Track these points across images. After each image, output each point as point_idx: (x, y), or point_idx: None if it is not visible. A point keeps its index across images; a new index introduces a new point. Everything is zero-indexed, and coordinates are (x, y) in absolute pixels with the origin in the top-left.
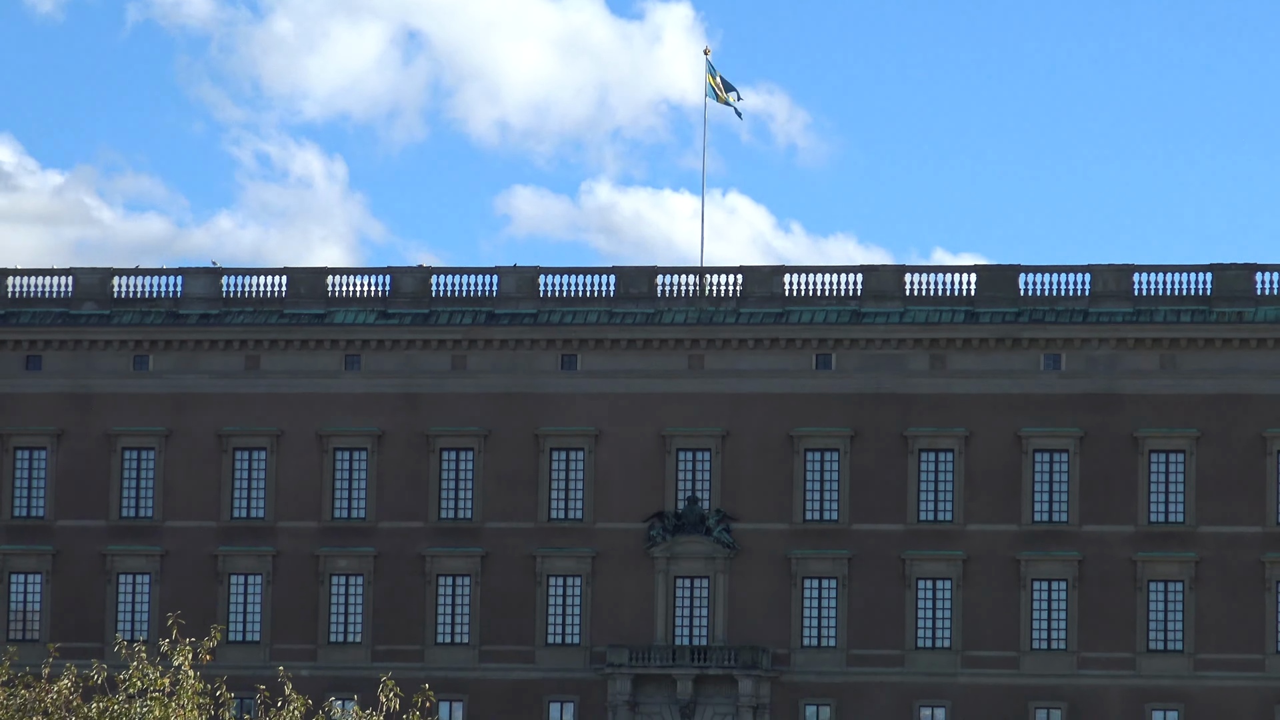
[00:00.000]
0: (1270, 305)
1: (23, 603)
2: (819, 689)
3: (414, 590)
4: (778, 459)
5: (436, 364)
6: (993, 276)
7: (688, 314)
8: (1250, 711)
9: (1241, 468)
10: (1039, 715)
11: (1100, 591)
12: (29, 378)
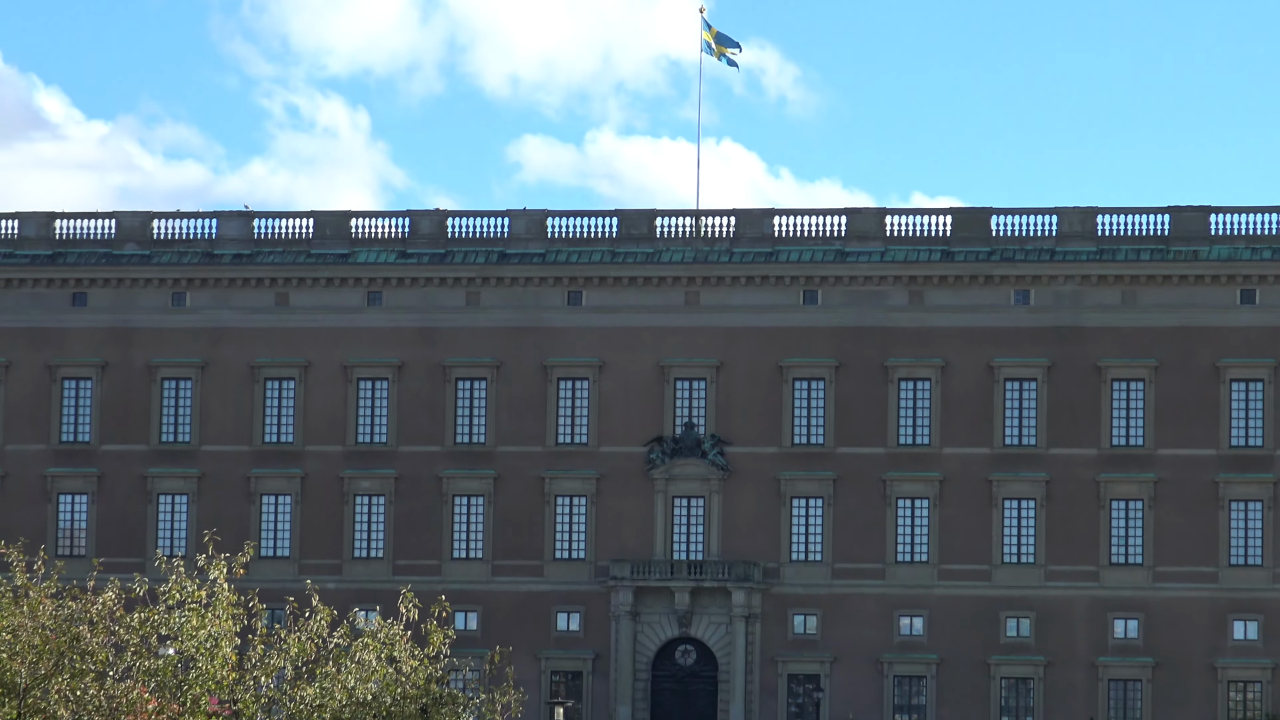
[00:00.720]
0: (1224, 244)
1: (70, 521)
2: (806, 600)
3: (432, 510)
4: (768, 387)
5: (452, 300)
6: (967, 218)
7: (684, 253)
8: (1205, 620)
9: (1197, 395)
10: (1009, 624)
11: (1066, 510)
12: (75, 313)
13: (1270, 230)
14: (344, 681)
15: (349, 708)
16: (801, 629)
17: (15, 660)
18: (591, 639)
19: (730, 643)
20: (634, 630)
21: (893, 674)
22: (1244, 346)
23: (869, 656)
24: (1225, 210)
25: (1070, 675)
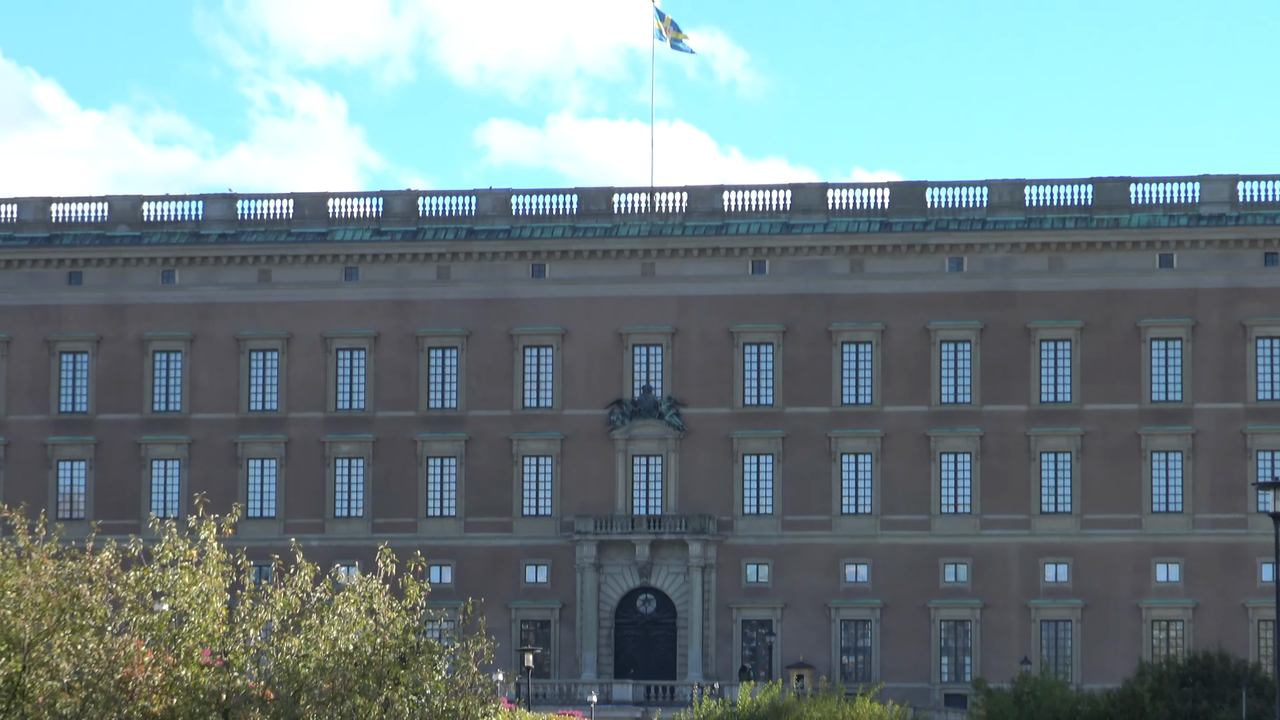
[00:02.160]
0: (1143, 213)
1: (69, 486)
2: (758, 550)
3: (407, 471)
4: (720, 352)
5: (424, 274)
6: (903, 191)
7: (640, 228)
8: (1129, 564)
9: (1119, 354)
10: (948, 570)
11: (999, 462)
12: (71, 291)
13: (1187, 199)
14: (327, 633)
15: (332, 657)
16: (754, 578)
17: (19, 617)
18: (558, 590)
19: (688, 592)
20: (598, 581)
21: (839, 618)
22: (1163, 308)
23: (817, 602)
24: (1145, 180)
25: (1005, 617)
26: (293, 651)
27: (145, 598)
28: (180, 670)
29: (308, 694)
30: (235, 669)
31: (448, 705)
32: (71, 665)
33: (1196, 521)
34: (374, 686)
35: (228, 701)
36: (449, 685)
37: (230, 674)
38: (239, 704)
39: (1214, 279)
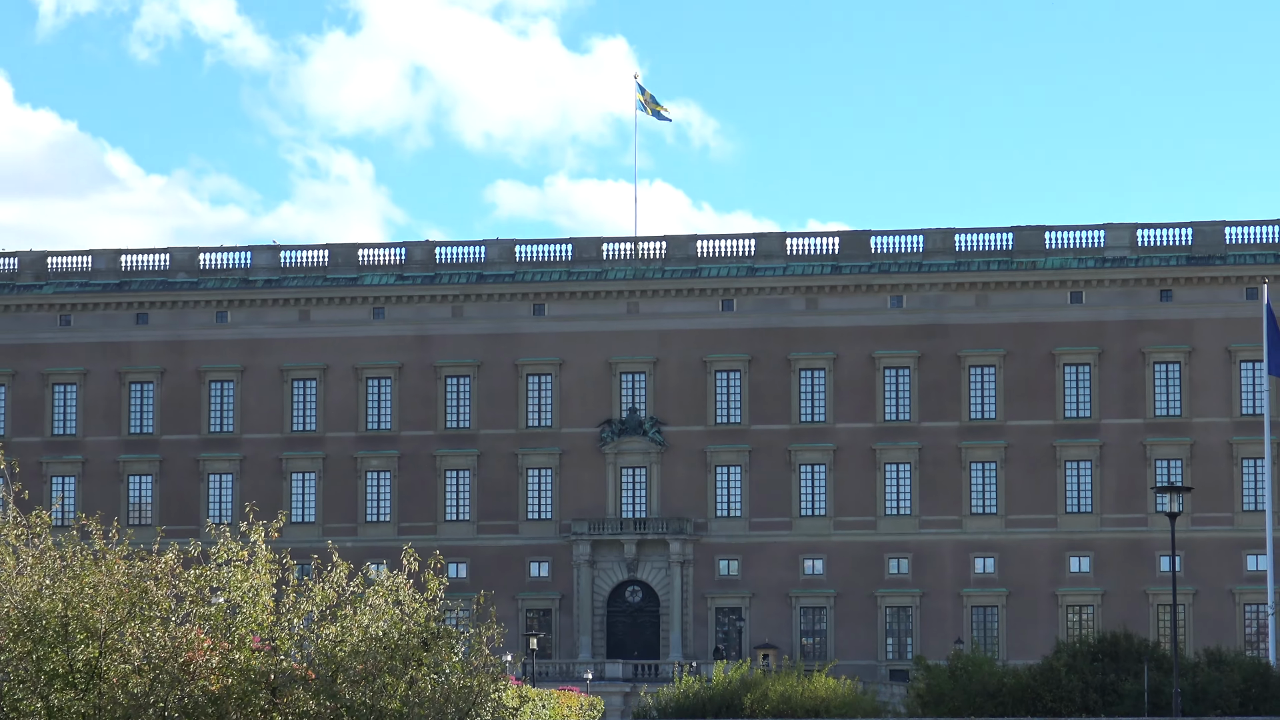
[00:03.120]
0: (1056, 256)
1: (138, 497)
2: (729, 548)
3: (427, 482)
4: (695, 378)
5: (440, 313)
6: (851, 239)
7: (626, 272)
8: (1046, 557)
9: (1037, 377)
10: (891, 564)
11: (935, 471)
12: (139, 330)
13: (1093, 244)
14: (359, 621)
15: (364, 642)
16: (726, 571)
17: (96, 609)
18: (558, 583)
19: (669, 583)
20: (592, 575)
21: (799, 605)
22: (1073, 338)
23: (780, 592)
24: (1057, 228)
25: (940, 604)
26: (330, 637)
27: (204, 592)
28: (234, 654)
29: (344, 673)
30: (281, 653)
31: (464, 683)
32: (141, 651)
33: (1104, 520)
34: (400, 667)
35: (275, 681)
36: (465, 665)
37: (277, 657)
38: (285, 683)
39: (1117, 313)
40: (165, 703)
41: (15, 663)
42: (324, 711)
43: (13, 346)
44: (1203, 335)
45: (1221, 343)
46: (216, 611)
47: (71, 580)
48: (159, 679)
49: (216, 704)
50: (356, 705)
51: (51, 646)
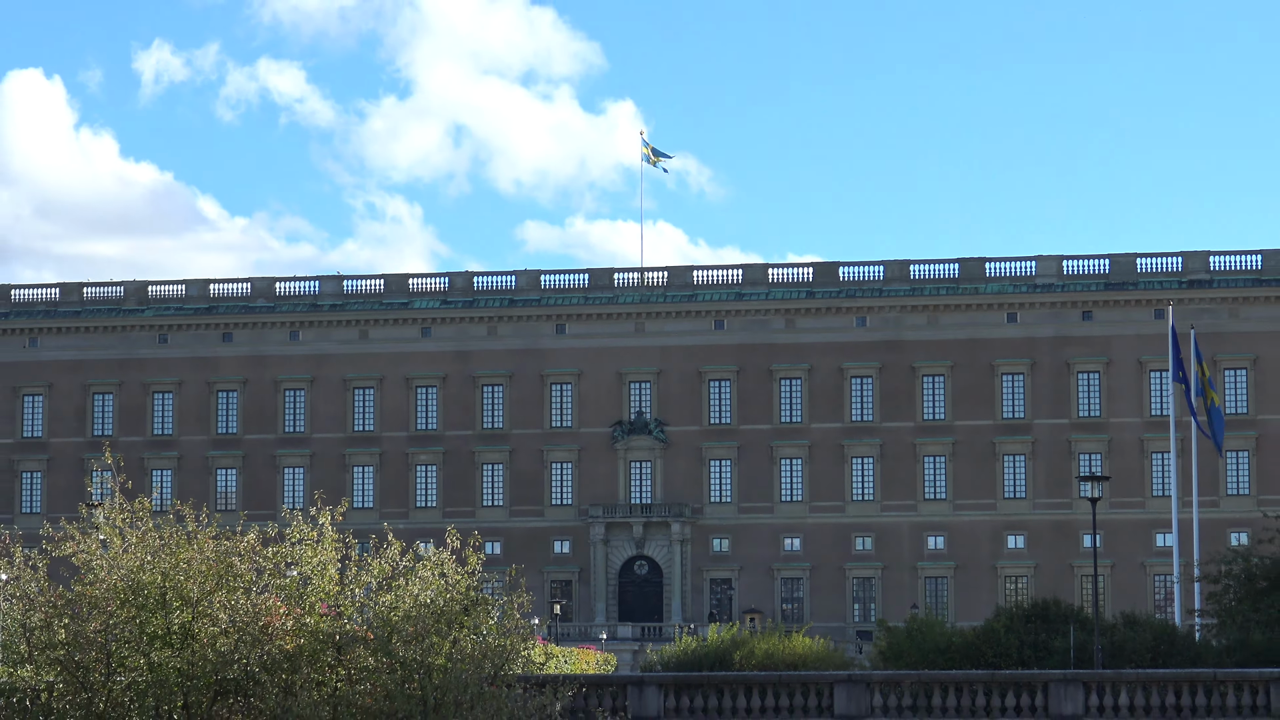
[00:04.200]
0: (995, 283)
1: (224, 487)
2: (721, 528)
3: (467, 473)
4: (692, 386)
5: (478, 332)
6: (823, 269)
7: (633, 297)
8: (987, 535)
9: (979, 385)
10: (858, 541)
11: (894, 464)
12: (224, 347)
13: (1026, 273)
14: (410, 590)
15: (414, 608)
16: (718, 548)
17: (189, 581)
18: (577, 558)
19: (671, 558)
20: (605, 552)
21: (780, 577)
22: (1010, 351)
23: (764, 566)
24: (996, 260)
25: (899, 575)
26: (386, 604)
27: (279, 566)
28: (305, 618)
29: (397, 634)
30: (345, 617)
31: (499, 642)
32: (227, 616)
33: (1035, 505)
34: (445, 629)
35: (340, 641)
36: (499, 627)
37: (341, 621)
38: (348, 642)
39: (1046, 330)
40: (247, 660)
41: (121, 626)
42: (381, 666)
43: (119, 361)
44: (1118, 349)
45: (1134, 355)
46: (290, 583)
47: (168, 556)
48: (242, 639)
49: (290, 660)
50: (408, 661)
51: (152, 612)
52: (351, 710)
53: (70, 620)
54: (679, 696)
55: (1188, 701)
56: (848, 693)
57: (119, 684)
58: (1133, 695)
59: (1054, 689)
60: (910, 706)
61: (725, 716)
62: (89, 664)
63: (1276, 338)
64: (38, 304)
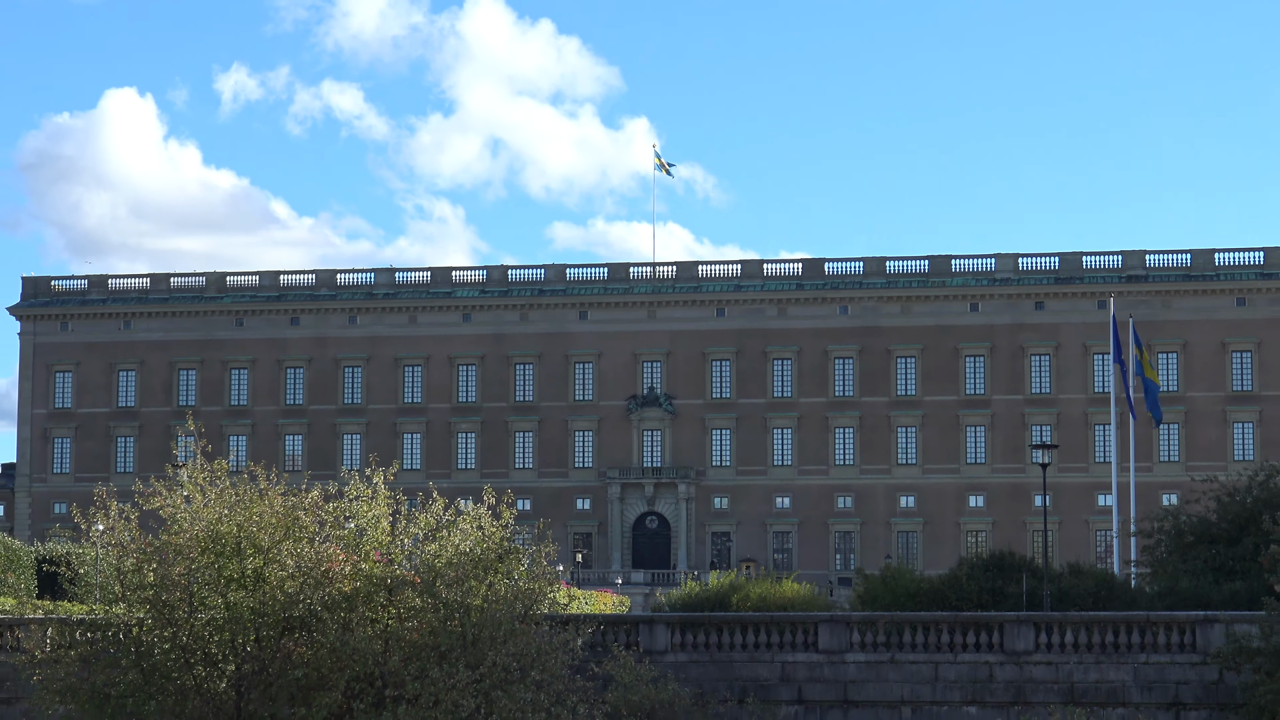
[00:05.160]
0: (960, 277)
1: (291, 450)
2: (721, 489)
3: (502, 440)
4: (697, 366)
5: (512, 318)
6: (812, 264)
7: (647, 288)
8: (952, 495)
9: (946, 366)
10: (839, 500)
11: (872, 433)
12: (292, 329)
13: (987, 268)
14: (452, 541)
15: (455, 556)
16: (719, 505)
17: (261, 532)
18: (596, 514)
19: (678, 514)
20: (621, 509)
21: (772, 530)
22: (972, 336)
23: (759, 521)
24: (960, 256)
25: (875, 530)
26: (431, 552)
27: (339, 519)
28: (361, 565)
29: (440, 579)
30: (395, 563)
31: (528, 586)
32: (293, 562)
33: (994, 469)
34: (482, 574)
35: (391, 584)
36: (529, 573)
37: (392, 567)
38: (397, 586)
39: (1004, 318)
40: (311, 600)
41: (202, 570)
42: (426, 606)
43: (201, 341)
44: (1066, 335)
45: (1080, 340)
46: (348, 533)
47: (243, 510)
48: (306, 582)
49: (348, 601)
50: (450, 602)
51: (228, 558)
52: (401, 644)
53: (158, 565)
54: (684, 633)
55: (1124, 640)
56: (830, 631)
57: (200, 620)
58: (1076, 634)
59: (1009, 628)
60: (884, 643)
61: (724, 651)
62: (174, 603)
63: (1203, 326)
64: (131, 292)
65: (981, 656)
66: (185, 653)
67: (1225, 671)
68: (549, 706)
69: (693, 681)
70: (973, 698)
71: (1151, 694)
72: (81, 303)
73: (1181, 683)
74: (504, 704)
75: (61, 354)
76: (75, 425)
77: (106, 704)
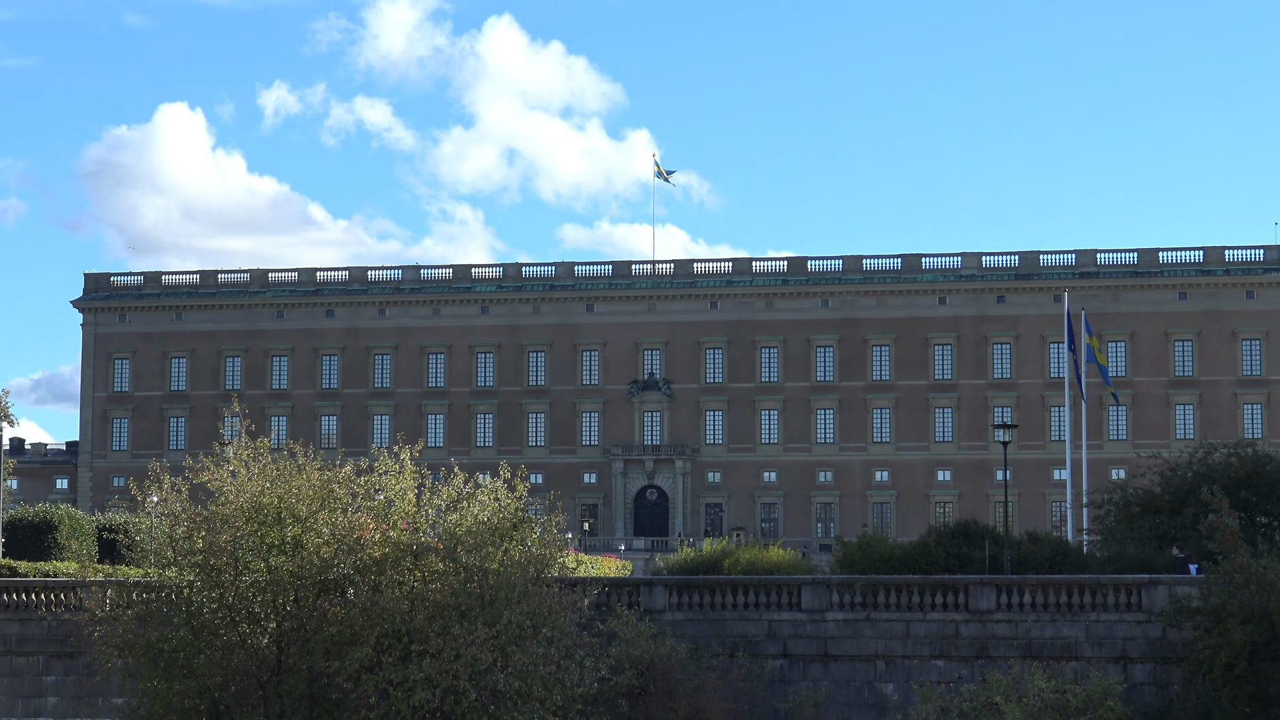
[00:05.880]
0: (929, 274)
1: (327, 430)
2: (714, 465)
3: (517, 420)
4: (692, 354)
5: (526, 310)
6: (795, 263)
7: (647, 283)
8: (922, 470)
9: (917, 354)
10: (820, 475)
11: (850, 414)
12: (328, 320)
13: (953, 265)
14: (472, 511)
15: (474, 524)
16: (712, 479)
17: (299, 503)
18: (601, 487)
19: (675, 487)
20: (624, 482)
21: (760, 502)
22: (941, 327)
23: (748, 493)
24: (930, 255)
25: (853, 501)
26: (452, 522)
27: (369, 492)
28: (390, 532)
29: (461, 545)
30: (420, 531)
31: (540, 551)
32: (328, 530)
33: (960, 447)
34: (498, 541)
35: (416, 550)
36: (541, 540)
37: (418, 534)
38: (422, 551)
39: (969, 310)
40: (344, 564)
41: (246, 538)
42: (448, 570)
43: (245, 331)
44: (1025, 326)
45: (1038, 331)
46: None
47: (283, 484)
48: (340, 548)
49: (378, 565)
50: (469, 566)
51: (269, 527)
52: (425, 604)
53: (206, 532)
54: (680, 594)
55: (1077, 600)
56: (812, 592)
57: (244, 582)
58: (1034, 595)
59: (973, 590)
60: (861, 603)
61: (716, 610)
62: (221, 567)
63: (1148, 318)
64: (182, 287)
65: (948, 615)
66: (231, 612)
67: (1168, 629)
68: (558, 660)
69: (688, 638)
70: (940, 652)
71: (1101, 649)
72: (138, 297)
73: (1128, 639)
74: (518, 658)
75: (120, 343)
76: (132, 407)
77: (160, 658)
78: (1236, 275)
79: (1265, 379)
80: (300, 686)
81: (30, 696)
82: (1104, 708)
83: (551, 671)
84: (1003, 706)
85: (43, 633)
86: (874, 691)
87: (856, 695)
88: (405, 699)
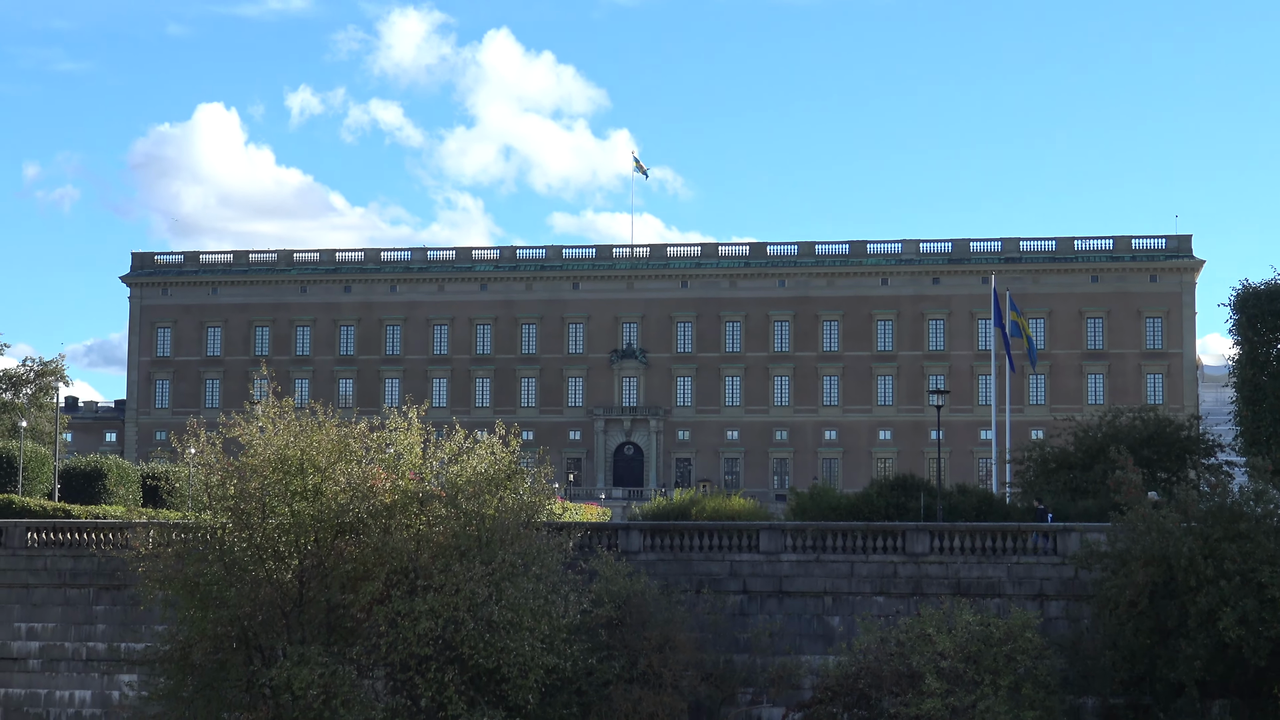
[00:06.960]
0: (872, 258)
1: (344, 391)
2: (684, 424)
3: (511, 385)
4: (665, 327)
5: (520, 288)
6: (757, 247)
7: (626, 265)
8: (865, 430)
9: (862, 328)
10: (776, 434)
11: (803, 381)
12: (346, 295)
13: (894, 250)
14: (471, 464)
15: (473, 475)
16: (682, 437)
17: (319, 455)
18: (585, 443)
19: (649, 444)
20: (605, 440)
21: (724, 456)
22: (882, 304)
23: (713, 449)
24: (875, 241)
25: (805, 456)
26: (454, 473)
27: (381, 446)
28: (399, 481)
29: (461, 493)
30: (426, 481)
31: (531, 499)
32: (345, 479)
33: (899, 410)
34: (494, 489)
35: (422, 497)
36: (531, 489)
37: (423, 484)
38: (427, 498)
39: (907, 290)
40: (358, 510)
41: (272, 485)
42: (450, 515)
43: (272, 304)
44: (957, 304)
45: (968, 309)
46: (389, 457)
47: (305, 438)
48: (355, 495)
49: (388, 510)
50: (469, 512)
51: (293, 476)
52: (429, 545)
53: (237, 480)
54: (653, 538)
55: (1000, 545)
56: (769, 536)
57: (270, 525)
58: (963, 540)
59: (910, 535)
60: (811, 546)
61: (685, 552)
62: (250, 511)
63: (1064, 298)
64: (218, 265)
65: (888, 557)
66: (259, 550)
67: (1080, 570)
68: (546, 594)
69: (660, 576)
70: (880, 590)
71: (1021, 587)
72: (178, 273)
73: (1045, 579)
74: (510, 592)
75: (162, 314)
76: (173, 370)
77: (196, 590)
78: (1142, 261)
79: (1166, 352)
80: (319, 616)
81: (82, 623)
82: (1023, 639)
83: (540, 604)
84: (935, 637)
85: (93, 567)
86: (822, 623)
87: (807, 627)
88: (411, 627)
